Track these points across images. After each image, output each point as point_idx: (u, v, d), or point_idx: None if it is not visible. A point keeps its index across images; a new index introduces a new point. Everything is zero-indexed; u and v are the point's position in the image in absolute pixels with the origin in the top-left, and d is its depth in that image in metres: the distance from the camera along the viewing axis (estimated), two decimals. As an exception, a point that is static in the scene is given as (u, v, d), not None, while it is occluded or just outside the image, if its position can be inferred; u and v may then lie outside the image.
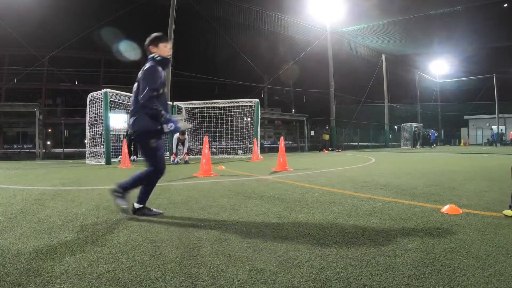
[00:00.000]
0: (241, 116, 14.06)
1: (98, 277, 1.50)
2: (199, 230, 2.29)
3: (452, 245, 1.90)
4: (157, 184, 2.83)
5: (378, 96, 28.10)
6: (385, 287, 1.38)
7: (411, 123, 27.18)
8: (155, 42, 2.68)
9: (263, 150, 17.52)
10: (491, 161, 9.12)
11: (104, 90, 9.76)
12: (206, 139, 6.17)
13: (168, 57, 2.74)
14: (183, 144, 9.99)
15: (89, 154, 10.47)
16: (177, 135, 9.49)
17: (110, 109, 9.96)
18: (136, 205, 2.70)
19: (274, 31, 21.82)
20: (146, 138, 2.61)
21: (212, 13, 19.05)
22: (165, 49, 2.71)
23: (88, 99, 10.26)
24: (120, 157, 10.13)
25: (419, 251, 1.81)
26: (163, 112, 2.52)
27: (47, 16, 20.98)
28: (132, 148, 10.55)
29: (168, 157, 11.44)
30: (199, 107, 13.68)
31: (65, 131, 19.65)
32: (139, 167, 7.97)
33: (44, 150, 14.83)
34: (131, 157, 10.24)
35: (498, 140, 24.49)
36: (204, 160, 6.03)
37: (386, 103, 28.18)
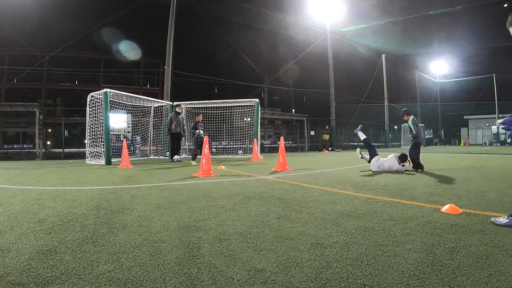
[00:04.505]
0: (241, 116, 14.05)
1: (98, 277, 1.50)
2: (199, 230, 2.28)
3: (452, 245, 1.90)
4: (157, 184, 2.82)
5: (378, 96, 28.13)
6: (385, 287, 1.38)
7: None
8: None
9: (263, 150, 17.49)
10: (491, 161, 9.11)
11: (104, 90, 9.75)
12: (206, 139, 6.18)
13: None
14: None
15: (89, 154, 10.47)
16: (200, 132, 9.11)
17: (110, 109, 9.97)
18: None
19: (274, 31, 21.83)
20: None
21: (212, 13, 19.06)
22: None
23: (88, 99, 10.26)
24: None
25: (419, 251, 1.81)
26: None
27: (47, 16, 20.99)
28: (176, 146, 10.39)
29: (168, 157, 11.45)
30: (199, 107, 13.69)
31: (65, 131, 19.61)
32: (139, 167, 7.97)
33: (44, 150, 14.81)
34: (174, 157, 10.09)
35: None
36: (204, 160, 6.04)
37: (386, 103, 28.23)
